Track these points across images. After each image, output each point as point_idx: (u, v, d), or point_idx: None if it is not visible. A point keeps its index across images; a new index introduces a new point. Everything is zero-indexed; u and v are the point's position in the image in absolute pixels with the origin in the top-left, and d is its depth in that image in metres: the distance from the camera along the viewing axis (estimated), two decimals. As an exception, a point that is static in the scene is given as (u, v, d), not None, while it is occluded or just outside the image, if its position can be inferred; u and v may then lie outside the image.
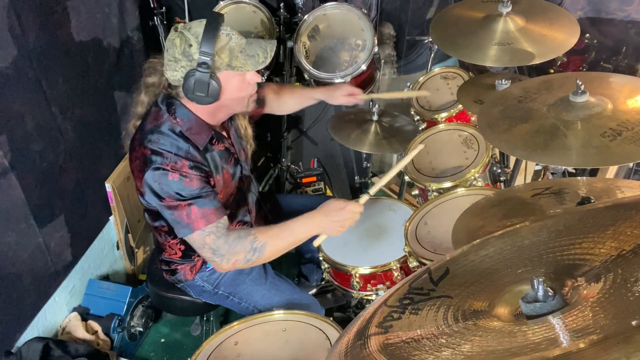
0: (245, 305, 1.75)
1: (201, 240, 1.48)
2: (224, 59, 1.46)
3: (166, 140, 1.47)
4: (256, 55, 1.49)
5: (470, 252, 0.86)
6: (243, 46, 1.49)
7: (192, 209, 1.45)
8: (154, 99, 1.57)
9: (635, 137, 1.10)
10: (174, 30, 1.46)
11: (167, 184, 1.45)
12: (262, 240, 1.50)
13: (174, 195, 1.45)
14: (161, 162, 1.45)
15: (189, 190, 1.45)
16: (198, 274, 1.74)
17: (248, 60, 1.48)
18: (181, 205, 1.45)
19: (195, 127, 1.53)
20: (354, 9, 2.22)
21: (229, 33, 1.47)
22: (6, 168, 1.79)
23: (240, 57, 1.48)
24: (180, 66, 1.45)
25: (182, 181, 1.45)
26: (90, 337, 2.13)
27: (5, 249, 1.83)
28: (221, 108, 1.56)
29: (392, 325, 0.75)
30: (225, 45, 1.45)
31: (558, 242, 0.78)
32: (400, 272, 1.71)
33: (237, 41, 1.48)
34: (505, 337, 0.64)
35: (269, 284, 1.77)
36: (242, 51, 1.48)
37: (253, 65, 1.49)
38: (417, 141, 1.98)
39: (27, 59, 1.84)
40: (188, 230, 1.47)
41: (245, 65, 1.48)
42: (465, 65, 2.47)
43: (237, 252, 1.49)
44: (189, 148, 1.49)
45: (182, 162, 1.46)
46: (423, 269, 0.87)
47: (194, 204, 1.46)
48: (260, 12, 2.33)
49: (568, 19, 1.76)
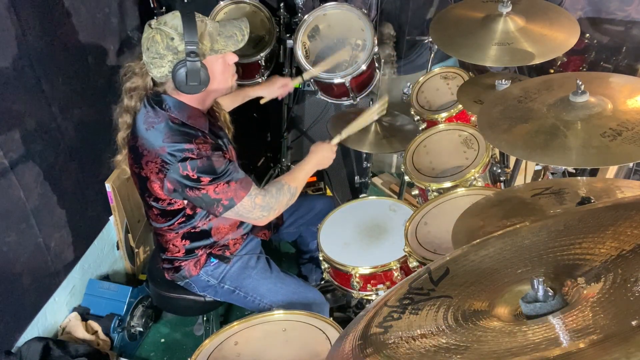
0: (251, 299, 1.75)
1: (251, 203, 1.58)
2: (206, 44, 1.49)
3: (176, 134, 1.50)
4: (234, 35, 1.54)
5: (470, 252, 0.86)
6: (219, 29, 1.53)
7: (230, 184, 1.53)
8: (139, 104, 1.57)
9: (635, 137, 1.10)
10: (150, 28, 1.48)
11: (199, 170, 1.48)
12: (294, 185, 1.69)
13: (209, 178, 1.49)
14: (185, 153, 1.47)
15: (221, 169, 1.51)
16: (203, 268, 1.74)
17: (228, 41, 1.53)
18: (220, 184, 1.51)
19: (191, 114, 1.56)
20: (354, 9, 2.22)
21: (202, 19, 1.50)
22: (6, 168, 1.80)
23: (220, 39, 1.52)
24: (167, 61, 1.46)
25: (211, 163, 1.50)
26: (90, 337, 2.13)
27: (5, 249, 1.83)
28: (210, 93, 1.60)
29: (392, 325, 0.75)
30: (204, 32, 1.49)
31: (558, 242, 0.78)
32: (400, 272, 1.71)
33: (212, 25, 1.52)
34: (505, 337, 0.64)
35: (274, 277, 1.78)
36: (220, 34, 1.52)
37: (234, 45, 1.54)
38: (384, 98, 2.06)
39: (27, 59, 1.84)
40: (233, 203, 1.55)
41: (227, 47, 1.53)
42: (465, 65, 2.47)
43: (282, 200, 1.66)
44: (200, 133, 1.53)
45: (203, 146, 1.50)
46: (423, 269, 0.87)
47: (231, 179, 1.54)
48: (260, 12, 2.33)
49: (568, 19, 1.76)
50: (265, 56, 2.28)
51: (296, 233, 2.09)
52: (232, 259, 1.77)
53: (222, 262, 1.76)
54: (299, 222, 2.05)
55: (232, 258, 1.77)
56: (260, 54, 2.26)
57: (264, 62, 2.31)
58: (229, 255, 1.77)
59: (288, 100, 2.59)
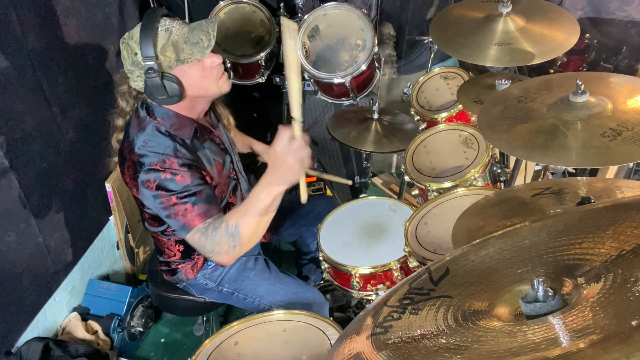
0: (251, 301, 1.75)
1: (192, 240, 1.47)
2: (170, 56, 1.42)
3: (153, 142, 1.47)
4: (200, 41, 1.44)
5: (470, 252, 0.86)
6: (186, 35, 1.43)
7: (187, 207, 1.45)
8: (134, 106, 1.57)
9: (635, 137, 1.10)
10: (122, 43, 1.45)
11: (159, 183, 1.44)
12: (233, 222, 1.45)
13: (167, 193, 1.45)
14: (150, 163, 1.44)
15: (182, 187, 1.45)
16: (200, 272, 1.74)
17: (194, 48, 1.43)
18: (177, 204, 1.45)
19: (178, 122, 1.52)
20: (354, 9, 2.22)
21: (167, 27, 1.42)
22: (6, 168, 1.80)
23: (185, 48, 1.43)
24: (136, 76, 1.45)
25: (174, 178, 1.44)
26: (90, 337, 2.13)
27: (5, 249, 1.83)
28: (195, 100, 1.54)
29: (392, 325, 0.75)
30: (167, 42, 1.41)
31: (558, 242, 0.78)
32: (400, 272, 1.71)
33: (179, 32, 1.43)
34: (505, 337, 0.64)
35: (273, 278, 1.78)
36: (187, 41, 1.43)
37: (200, 53, 1.44)
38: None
39: (27, 59, 1.84)
40: (184, 230, 1.47)
41: (193, 55, 1.44)
42: (465, 65, 2.47)
43: (220, 242, 1.45)
44: (176, 146, 1.48)
45: (171, 160, 1.45)
46: (423, 269, 0.87)
47: (189, 201, 1.45)
48: (260, 12, 2.33)
49: (568, 19, 1.76)
50: (265, 56, 2.28)
51: (296, 233, 2.09)
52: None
53: (219, 265, 1.75)
54: (299, 222, 2.05)
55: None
56: (260, 54, 2.26)
57: (264, 62, 2.31)
58: None
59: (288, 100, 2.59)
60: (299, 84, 1.42)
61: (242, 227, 1.44)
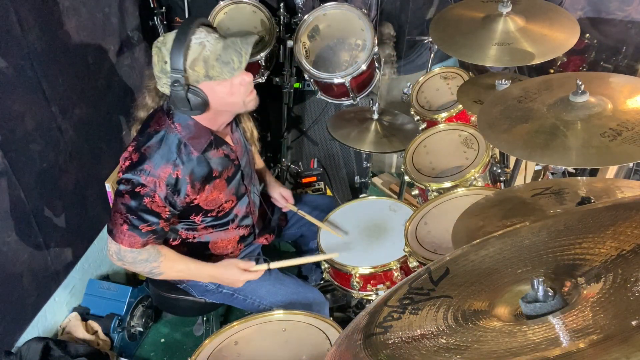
0: (251, 302, 1.75)
1: (115, 247, 1.52)
2: (199, 71, 1.40)
3: (157, 153, 1.45)
4: (231, 62, 1.40)
5: (470, 252, 0.86)
6: (219, 52, 1.39)
7: (124, 225, 1.47)
8: (159, 103, 1.57)
9: (635, 137, 1.10)
10: (155, 47, 1.43)
11: (131, 189, 1.44)
12: (162, 270, 1.57)
13: (131, 202, 1.45)
14: (141, 171, 1.44)
15: (143, 208, 1.45)
16: None
17: (224, 68, 1.40)
18: (124, 212, 1.46)
19: (195, 131, 1.51)
20: (354, 9, 2.22)
21: (202, 41, 1.39)
22: (6, 168, 1.80)
23: (216, 65, 1.39)
24: (163, 83, 1.44)
25: (144, 199, 1.44)
26: (90, 337, 2.13)
27: (5, 249, 1.83)
28: (219, 113, 1.53)
29: (392, 325, 0.75)
30: (198, 57, 1.38)
31: (558, 242, 0.78)
32: (400, 272, 1.71)
33: (212, 48, 1.39)
34: (505, 337, 0.64)
35: (273, 278, 1.77)
36: (218, 58, 1.39)
37: (229, 73, 1.41)
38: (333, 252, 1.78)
39: (27, 59, 1.84)
40: (111, 234, 1.51)
41: (222, 74, 1.41)
42: (465, 65, 2.47)
43: (136, 268, 1.56)
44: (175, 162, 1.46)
45: (156, 182, 1.44)
46: (423, 269, 0.87)
47: (133, 221, 1.46)
48: (260, 12, 2.33)
49: (568, 19, 1.76)
50: (265, 56, 2.28)
51: (297, 233, 2.09)
52: None
53: None
54: (300, 222, 2.05)
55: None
56: (260, 54, 2.26)
57: (264, 62, 2.31)
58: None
59: (288, 100, 2.59)
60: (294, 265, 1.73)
61: (164, 275, 1.60)
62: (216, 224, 1.67)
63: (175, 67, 1.37)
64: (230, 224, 1.71)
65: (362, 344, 0.74)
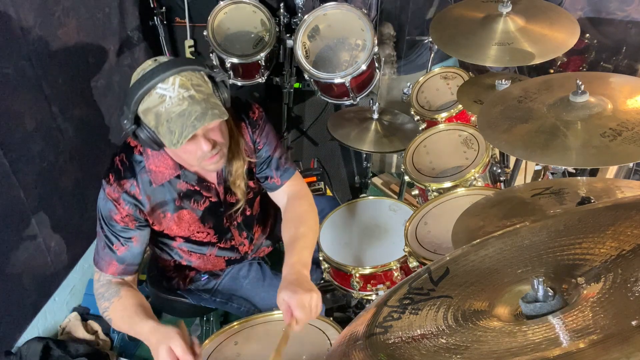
0: (245, 310, 1.74)
1: (96, 277, 1.45)
2: (150, 121, 1.25)
3: (124, 165, 1.41)
4: (173, 133, 1.21)
5: (470, 252, 0.86)
6: (172, 116, 1.21)
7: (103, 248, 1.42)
8: None
9: (635, 137, 1.10)
10: (140, 67, 1.28)
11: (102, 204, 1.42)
12: (110, 316, 1.40)
13: (101, 218, 1.42)
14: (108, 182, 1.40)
15: (111, 223, 1.41)
16: (193, 284, 1.74)
17: (166, 135, 1.23)
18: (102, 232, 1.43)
19: (161, 161, 1.40)
20: (354, 9, 2.22)
21: (164, 94, 1.21)
22: (6, 168, 1.80)
23: (164, 126, 1.22)
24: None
25: (110, 211, 1.40)
26: (90, 337, 2.13)
27: (5, 249, 1.83)
28: (178, 158, 1.39)
29: (392, 325, 0.75)
30: (152, 108, 1.23)
31: (558, 242, 0.78)
32: (400, 272, 1.71)
33: (168, 107, 1.22)
34: (505, 337, 0.64)
35: (267, 285, 1.76)
36: (168, 121, 1.22)
37: (168, 142, 1.23)
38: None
39: (27, 59, 1.84)
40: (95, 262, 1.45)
41: (164, 138, 1.24)
42: (465, 65, 2.48)
43: (98, 303, 1.44)
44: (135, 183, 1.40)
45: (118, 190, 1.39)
46: (423, 269, 0.87)
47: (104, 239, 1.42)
48: (260, 12, 2.33)
49: (568, 19, 1.76)
50: (265, 56, 2.28)
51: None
52: (223, 273, 1.75)
53: (212, 277, 1.74)
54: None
55: (223, 273, 1.75)
56: (260, 54, 2.26)
57: (264, 62, 2.31)
58: (219, 272, 1.75)
59: (288, 100, 2.59)
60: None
61: (113, 323, 1.41)
62: (192, 250, 1.63)
63: (127, 104, 1.24)
64: (207, 250, 1.66)
65: (362, 344, 0.74)
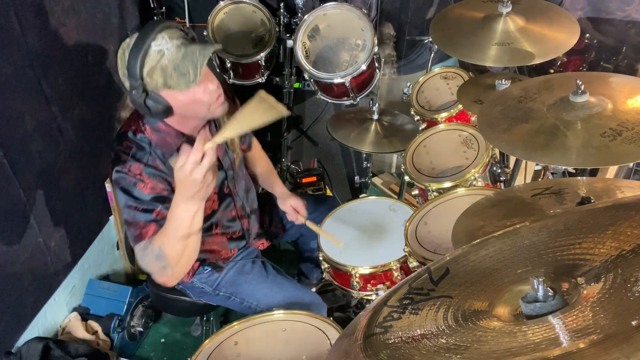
0: (247, 305, 1.75)
1: (136, 255, 1.45)
2: (157, 80, 1.33)
3: (132, 144, 1.44)
4: (187, 74, 1.32)
5: (470, 252, 0.86)
6: (177, 62, 1.31)
7: (139, 222, 1.42)
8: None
9: (635, 137, 1.10)
10: (120, 49, 1.38)
11: (125, 186, 1.43)
12: (157, 244, 1.39)
13: (129, 199, 1.43)
14: (119, 164, 1.43)
15: (142, 196, 1.42)
16: (196, 276, 1.74)
17: (181, 79, 1.33)
18: (133, 212, 1.43)
19: (164, 135, 1.47)
20: (354, 9, 2.22)
21: (161, 48, 1.31)
22: (6, 168, 1.79)
23: (174, 75, 1.32)
24: (127, 86, 1.40)
25: (136, 185, 1.42)
26: (90, 337, 2.13)
27: (5, 249, 1.83)
28: (186, 117, 1.47)
29: (392, 325, 0.75)
30: (156, 65, 1.31)
31: (558, 242, 0.78)
32: (400, 272, 1.71)
33: (171, 57, 1.31)
34: (505, 337, 0.64)
35: (270, 281, 1.77)
36: (176, 68, 1.32)
37: (185, 84, 1.33)
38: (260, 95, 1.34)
39: (27, 59, 1.84)
40: (133, 242, 1.44)
41: (179, 85, 1.34)
42: (465, 65, 2.47)
43: (149, 263, 1.42)
44: (150, 156, 1.44)
45: (138, 166, 1.42)
46: (423, 269, 0.87)
47: (143, 215, 1.42)
48: (260, 12, 2.33)
49: (568, 19, 1.76)
50: (265, 56, 2.28)
51: (296, 233, 2.09)
52: (226, 267, 1.76)
53: (215, 270, 1.75)
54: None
55: (226, 266, 1.76)
56: (260, 54, 2.26)
57: (264, 62, 2.31)
58: (222, 264, 1.76)
59: (288, 100, 2.59)
60: (241, 131, 1.32)
61: (165, 248, 1.38)
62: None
63: (132, 75, 1.31)
64: (214, 228, 1.69)
65: (362, 344, 0.74)
